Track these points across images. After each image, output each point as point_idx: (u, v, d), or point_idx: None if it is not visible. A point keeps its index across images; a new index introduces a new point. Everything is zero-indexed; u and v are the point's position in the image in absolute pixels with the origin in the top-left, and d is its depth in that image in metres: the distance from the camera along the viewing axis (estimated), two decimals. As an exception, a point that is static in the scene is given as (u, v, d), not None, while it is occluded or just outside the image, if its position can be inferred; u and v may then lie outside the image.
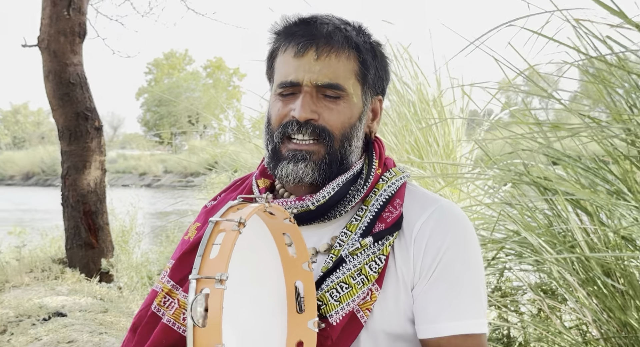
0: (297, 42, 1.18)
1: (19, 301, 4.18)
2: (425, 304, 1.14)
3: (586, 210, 2.24)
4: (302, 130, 1.17)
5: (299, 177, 1.17)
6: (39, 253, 5.54)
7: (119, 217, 5.97)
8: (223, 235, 0.92)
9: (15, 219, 14.06)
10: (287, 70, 1.19)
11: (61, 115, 5.09)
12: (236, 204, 1.01)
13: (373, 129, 1.27)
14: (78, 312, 3.86)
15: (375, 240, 1.15)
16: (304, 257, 1.11)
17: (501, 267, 2.85)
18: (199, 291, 0.87)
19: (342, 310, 1.12)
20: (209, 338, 0.85)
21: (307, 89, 1.17)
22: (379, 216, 1.18)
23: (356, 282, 1.12)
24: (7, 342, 3.53)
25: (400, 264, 1.16)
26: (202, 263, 0.90)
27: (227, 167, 6.78)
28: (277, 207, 1.06)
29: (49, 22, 5.04)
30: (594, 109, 2.82)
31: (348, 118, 1.19)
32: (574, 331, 2.44)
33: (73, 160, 5.09)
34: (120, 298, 4.53)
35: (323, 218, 1.20)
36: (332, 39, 1.17)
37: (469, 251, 1.17)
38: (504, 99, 4.01)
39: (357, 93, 1.20)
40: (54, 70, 5.04)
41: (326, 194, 1.17)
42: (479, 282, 1.17)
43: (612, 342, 2.08)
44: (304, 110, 1.16)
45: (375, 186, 1.22)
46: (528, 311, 2.89)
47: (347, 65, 1.18)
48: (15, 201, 21.78)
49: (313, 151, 1.17)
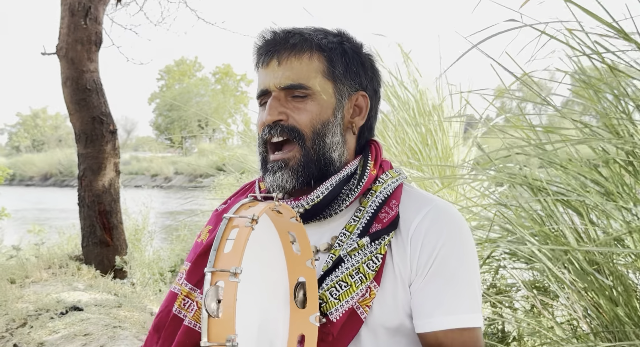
0: (262, 55, 1.22)
1: (38, 295, 4.19)
2: (422, 300, 1.15)
3: (577, 210, 2.25)
4: (272, 132, 1.19)
5: (280, 185, 1.18)
6: (56, 250, 5.56)
7: (132, 216, 5.98)
8: (237, 231, 0.93)
9: (34, 217, 14.10)
10: (260, 81, 1.23)
11: (78, 119, 5.10)
12: (247, 201, 1.02)
13: (356, 123, 1.25)
14: (93, 307, 3.87)
15: (372, 240, 1.16)
16: (307, 255, 1.12)
17: (496, 265, 2.86)
18: (213, 283, 0.88)
19: (341, 307, 1.12)
20: (222, 328, 0.86)
21: (274, 93, 1.20)
22: (376, 217, 1.19)
23: (354, 280, 1.13)
24: (27, 334, 3.54)
25: (398, 262, 1.17)
26: (216, 257, 0.91)
27: (234, 170, 6.78)
28: (285, 206, 1.07)
29: (67, 31, 5.05)
30: (585, 114, 2.82)
31: (317, 115, 1.19)
32: (565, 326, 2.45)
33: (89, 162, 5.10)
34: (133, 293, 4.53)
35: (320, 216, 1.20)
36: (288, 43, 1.19)
37: (463, 248, 1.17)
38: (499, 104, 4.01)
39: (328, 90, 1.20)
40: (72, 77, 5.05)
41: (320, 194, 1.18)
42: (474, 278, 1.17)
43: (601, 337, 2.08)
44: (271, 113, 1.18)
45: (372, 187, 1.23)
46: (522, 307, 2.89)
47: (309, 65, 1.19)
48: (34, 200, 21.85)
49: (288, 158, 1.18)
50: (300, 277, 1.11)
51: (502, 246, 2.67)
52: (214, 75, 57.86)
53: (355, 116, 1.25)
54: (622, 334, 1.96)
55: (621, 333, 1.96)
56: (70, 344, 3.29)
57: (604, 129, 2.25)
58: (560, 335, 2.36)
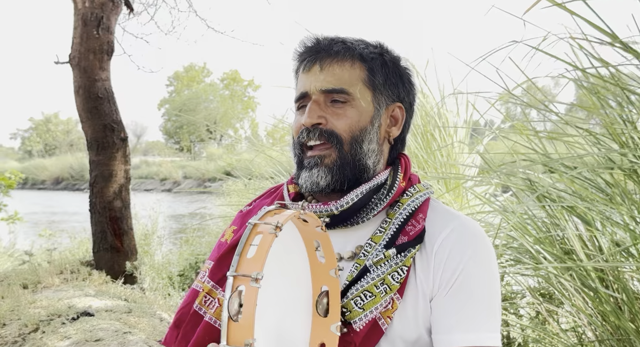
0: (304, 60, 1.23)
1: (50, 301, 4.20)
2: (442, 315, 1.14)
3: (582, 217, 2.24)
4: (310, 135, 1.19)
5: (315, 182, 1.18)
6: (68, 255, 5.58)
7: (141, 221, 5.99)
8: (260, 237, 0.93)
9: (45, 221, 14.15)
10: (300, 85, 1.23)
11: (90, 127, 5.13)
12: (273, 209, 1.02)
13: (392, 134, 1.26)
14: (104, 312, 3.87)
15: (399, 251, 1.15)
16: (331, 264, 1.12)
17: (502, 272, 2.84)
18: (235, 288, 0.89)
19: (365, 317, 1.12)
20: (242, 332, 0.87)
21: (314, 96, 1.20)
22: (402, 229, 1.18)
23: (379, 291, 1.12)
24: (40, 339, 3.55)
25: (421, 276, 1.16)
26: (239, 262, 0.91)
27: (242, 175, 6.79)
28: (310, 215, 1.07)
29: (80, 41, 5.08)
30: (588, 121, 2.81)
31: (356, 121, 1.19)
32: (570, 333, 2.43)
33: (100, 169, 5.12)
34: (143, 299, 4.54)
35: (346, 223, 1.20)
36: (332, 50, 1.20)
37: (486, 267, 1.16)
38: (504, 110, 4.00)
39: (367, 98, 1.21)
40: (84, 85, 5.08)
41: (349, 200, 1.17)
42: (495, 298, 1.16)
43: (606, 345, 2.07)
44: (310, 116, 1.18)
45: (400, 200, 1.22)
46: (527, 314, 2.88)
47: (352, 73, 1.20)
48: (46, 204, 21.92)
49: (324, 155, 1.18)
50: (324, 286, 1.11)
51: (507, 253, 2.66)
52: (222, 81, 57.99)
53: (391, 126, 1.26)
54: (627, 343, 1.94)
55: (626, 341, 1.95)
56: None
57: (608, 137, 2.24)
58: (566, 342, 2.34)
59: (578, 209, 2.24)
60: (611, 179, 2.19)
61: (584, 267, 2.14)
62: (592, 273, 2.09)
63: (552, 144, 2.58)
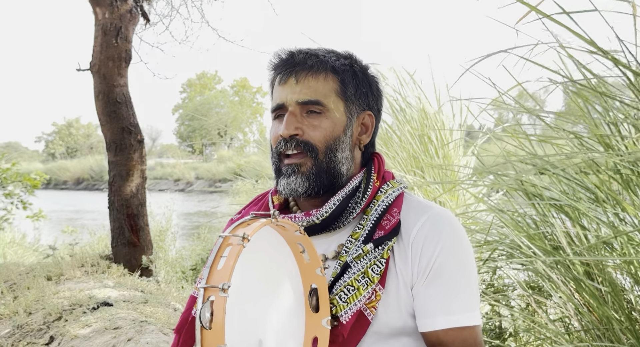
0: (280, 72, 1.22)
1: (72, 292, 4.22)
2: (424, 301, 1.15)
3: (569, 215, 2.24)
4: (288, 145, 1.19)
5: (293, 188, 1.18)
6: (88, 250, 5.60)
7: (156, 218, 6.00)
8: (229, 248, 0.94)
9: (67, 218, 14.20)
10: (276, 96, 1.23)
11: (109, 130, 5.14)
12: (247, 219, 1.02)
13: (363, 141, 1.26)
14: (122, 303, 3.89)
15: (376, 245, 1.16)
16: (316, 264, 1.13)
17: (494, 266, 2.85)
18: (206, 298, 0.89)
19: (350, 310, 1.12)
20: (213, 339, 0.87)
21: (291, 108, 1.20)
22: (378, 224, 1.19)
23: (361, 284, 1.13)
24: (63, 327, 3.57)
25: (400, 266, 1.17)
26: (209, 274, 0.92)
27: (251, 175, 6.81)
28: (286, 222, 1.07)
29: (100, 49, 5.10)
30: (576, 125, 2.81)
31: (330, 132, 1.19)
32: (558, 323, 2.44)
33: (118, 169, 5.14)
34: (158, 290, 4.55)
35: (329, 229, 1.21)
36: (307, 64, 1.20)
37: (460, 251, 1.17)
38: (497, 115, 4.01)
39: (340, 108, 1.21)
40: (103, 91, 5.10)
41: (328, 209, 1.18)
42: (471, 279, 1.17)
43: (592, 334, 2.08)
44: (287, 127, 1.19)
45: (375, 197, 1.23)
46: (517, 305, 2.88)
47: (325, 85, 1.20)
48: (67, 203, 21.98)
49: (301, 163, 1.19)
50: (313, 284, 1.12)
51: (499, 248, 2.66)
52: (232, 88, 58.04)
53: (362, 134, 1.26)
54: (611, 332, 1.95)
55: (610, 330, 1.96)
56: (101, 336, 3.31)
57: (594, 140, 2.24)
58: (554, 331, 2.35)
59: (565, 207, 2.25)
60: (597, 179, 2.20)
61: (571, 260, 2.15)
62: (579, 267, 2.10)
63: (541, 146, 2.59)
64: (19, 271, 5.00)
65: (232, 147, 45.36)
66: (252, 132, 56.34)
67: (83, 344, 3.29)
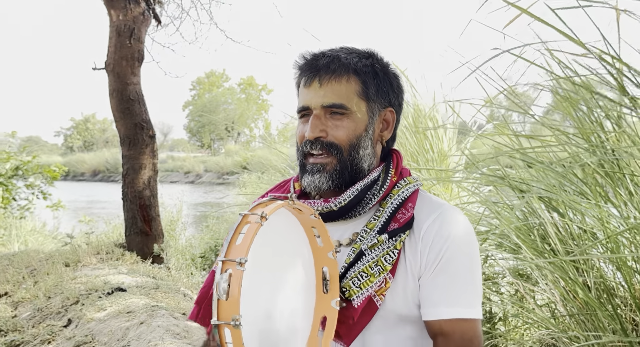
0: (305, 76, 1.22)
1: (88, 277, 4.23)
2: (429, 292, 1.15)
3: (555, 208, 2.24)
4: (313, 147, 1.19)
5: (317, 186, 1.19)
6: (104, 238, 5.61)
7: (167, 209, 6.01)
8: (248, 226, 0.94)
9: (84, 208, 14.22)
10: (301, 98, 1.23)
11: (122, 125, 5.14)
12: (265, 201, 1.02)
13: (384, 136, 1.26)
14: (135, 288, 3.90)
15: (390, 236, 1.15)
16: (329, 247, 1.12)
17: (485, 255, 2.85)
18: (224, 271, 0.90)
19: (362, 295, 1.13)
20: (229, 309, 0.87)
21: (315, 111, 1.20)
22: (394, 217, 1.19)
23: (374, 271, 1.13)
24: (80, 310, 3.58)
25: (410, 257, 1.17)
26: (228, 248, 0.92)
27: (256, 168, 6.81)
28: (302, 205, 1.07)
29: (114, 49, 5.08)
30: (562, 123, 2.80)
31: (353, 131, 1.19)
32: (545, 309, 2.44)
33: (131, 162, 5.13)
34: (169, 277, 4.56)
35: (345, 217, 1.20)
36: (329, 68, 1.19)
37: (467, 248, 1.17)
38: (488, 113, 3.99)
39: (362, 109, 1.20)
40: (117, 88, 5.09)
41: (347, 197, 1.18)
42: (476, 275, 1.17)
43: (576, 318, 2.08)
44: (313, 130, 1.19)
45: (391, 191, 1.22)
46: (507, 292, 2.88)
47: (347, 87, 1.19)
48: (85, 193, 22.02)
49: (326, 163, 1.19)
50: (324, 267, 1.11)
51: (490, 238, 2.66)
52: (239, 86, 57.92)
53: (384, 130, 1.26)
54: (594, 316, 1.95)
55: (593, 315, 1.96)
56: (116, 320, 3.32)
57: (579, 136, 2.23)
58: (541, 316, 2.35)
59: (552, 200, 2.24)
60: (582, 173, 2.19)
61: (557, 250, 2.15)
62: (564, 256, 2.10)
63: (529, 142, 2.58)
64: (39, 258, 5.01)
65: (239, 142, 45.40)
66: (257, 128, 56.33)
67: (98, 327, 3.30)
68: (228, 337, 0.88)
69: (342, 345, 1.13)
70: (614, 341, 1.83)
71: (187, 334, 3.03)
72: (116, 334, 3.15)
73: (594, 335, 1.94)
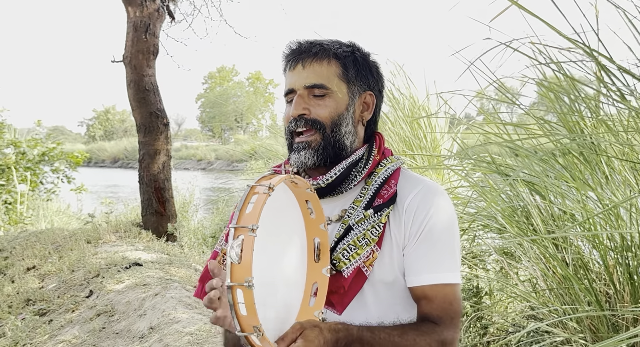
0: (290, 60, 1.22)
1: (108, 253, 4.26)
2: (413, 260, 1.15)
3: (538, 191, 2.24)
4: (297, 123, 1.19)
5: (303, 162, 1.18)
6: (122, 218, 5.63)
7: (181, 192, 6.01)
8: (256, 196, 0.94)
9: (105, 192, 14.24)
10: (287, 82, 1.23)
11: (139, 114, 5.13)
12: (268, 174, 1.03)
13: (365, 117, 1.25)
14: (150, 263, 3.92)
15: (375, 211, 1.16)
16: (321, 219, 1.13)
17: (473, 235, 2.86)
18: (236, 237, 0.90)
19: (351, 266, 1.13)
20: (242, 272, 0.88)
21: (299, 92, 1.20)
22: (378, 193, 1.19)
23: (361, 244, 1.14)
24: (100, 283, 3.61)
25: (394, 230, 1.17)
26: (239, 216, 0.93)
27: (263, 156, 6.80)
28: (300, 179, 1.07)
29: (131, 43, 5.06)
30: (547, 113, 2.79)
31: (335, 109, 1.19)
32: (527, 283, 2.45)
33: (147, 148, 5.14)
34: (181, 254, 4.59)
35: (333, 193, 1.21)
36: (312, 52, 1.19)
37: (447, 219, 1.17)
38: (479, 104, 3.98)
39: (343, 90, 1.20)
40: (134, 80, 5.08)
41: (333, 175, 1.18)
42: (455, 244, 1.17)
43: (555, 292, 2.09)
44: (296, 108, 1.19)
45: (375, 169, 1.22)
46: (492, 268, 2.90)
47: (328, 69, 1.19)
48: (106, 178, 22.05)
49: (311, 141, 1.19)
50: (316, 237, 1.12)
51: (478, 220, 2.67)
52: (247, 80, 57.71)
53: (364, 111, 1.25)
54: (571, 289, 1.96)
55: (570, 289, 1.97)
56: (133, 291, 3.35)
57: (561, 125, 2.23)
58: (523, 290, 2.36)
59: (535, 184, 2.25)
60: (563, 160, 2.19)
61: (539, 229, 2.15)
62: (545, 235, 2.10)
63: (516, 131, 2.57)
64: (64, 235, 5.05)
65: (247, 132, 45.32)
66: (264, 119, 56.19)
67: (117, 298, 3.33)
68: (240, 298, 0.88)
69: (335, 312, 1.14)
70: (589, 312, 1.84)
71: (198, 305, 3.06)
72: (133, 304, 3.18)
73: (572, 308, 1.96)
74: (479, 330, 2.62)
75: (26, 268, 4.35)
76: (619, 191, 2.00)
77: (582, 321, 1.90)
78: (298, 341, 0.97)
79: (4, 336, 3.14)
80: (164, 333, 2.67)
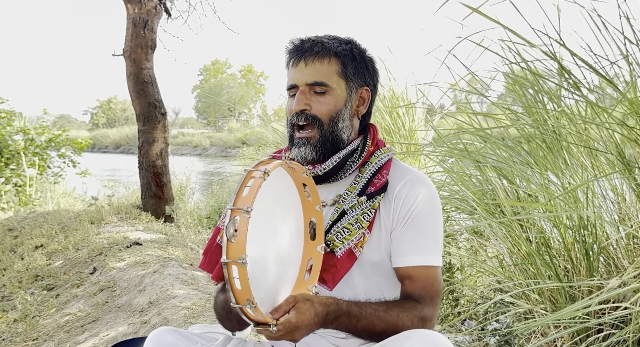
0: (293, 57, 1.20)
1: (110, 233, 4.23)
2: (399, 243, 1.16)
3: (505, 176, 2.25)
4: (299, 118, 1.18)
5: (304, 157, 1.18)
6: (123, 201, 5.57)
7: (178, 177, 5.96)
8: (253, 180, 0.94)
9: (108, 176, 14.08)
10: (290, 77, 1.21)
11: (138, 104, 5.05)
12: (266, 159, 1.02)
13: (360, 111, 1.24)
14: (150, 243, 3.90)
15: (368, 198, 1.16)
16: (316, 202, 1.12)
17: (446, 216, 2.87)
18: (232, 217, 0.89)
19: (344, 247, 1.13)
20: (236, 250, 0.88)
21: (301, 88, 1.18)
22: (371, 181, 1.19)
23: (354, 227, 1.14)
24: (103, 261, 3.58)
25: (384, 215, 1.17)
26: (236, 198, 0.92)
27: (254, 143, 6.75)
28: (296, 164, 1.07)
29: (131, 38, 4.96)
30: (513, 104, 2.79)
31: (334, 106, 1.18)
32: (494, 260, 2.47)
33: (146, 136, 5.06)
34: (178, 234, 4.56)
35: (329, 180, 1.20)
36: (314, 50, 1.18)
37: (432, 207, 1.18)
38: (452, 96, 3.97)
39: (341, 87, 1.19)
40: (133, 72, 4.98)
41: (330, 164, 1.18)
42: (438, 230, 1.18)
43: (519, 267, 2.11)
44: (298, 104, 1.18)
45: (369, 159, 1.22)
46: (464, 246, 2.92)
47: (329, 67, 1.18)
48: (108, 163, 21.77)
49: (310, 137, 1.18)
50: (312, 217, 1.12)
51: (451, 202, 2.67)
52: (240, 72, 57.15)
53: (360, 106, 1.24)
54: (534, 265, 1.98)
55: (532, 264, 1.99)
56: (133, 269, 3.33)
57: (526, 115, 2.23)
58: (491, 266, 2.38)
59: (503, 169, 2.25)
60: (528, 147, 2.19)
61: (506, 211, 2.16)
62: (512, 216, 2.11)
63: (486, 120, 2.57)
64: (69, 216, 4.99)
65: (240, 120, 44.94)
66: (255, 109, 55.83)
67: (119, 274, 3.30)
68: (235, 273, 0.88)
69: (327, 288, 1.14)
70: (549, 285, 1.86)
71: (194, 282, 3.04)
72: (134, 280, 3.16)
73: (534, 281, 1.98)
74: (451, 302, 2.65)
75: (34, 246, 4.30)
76: (577, 175, 2.02)
77: (543, 292, 1.92)
78: (291, 312, 0.97)
79: (15, 308, 3.11)
80: (162, 307, 2.65)
